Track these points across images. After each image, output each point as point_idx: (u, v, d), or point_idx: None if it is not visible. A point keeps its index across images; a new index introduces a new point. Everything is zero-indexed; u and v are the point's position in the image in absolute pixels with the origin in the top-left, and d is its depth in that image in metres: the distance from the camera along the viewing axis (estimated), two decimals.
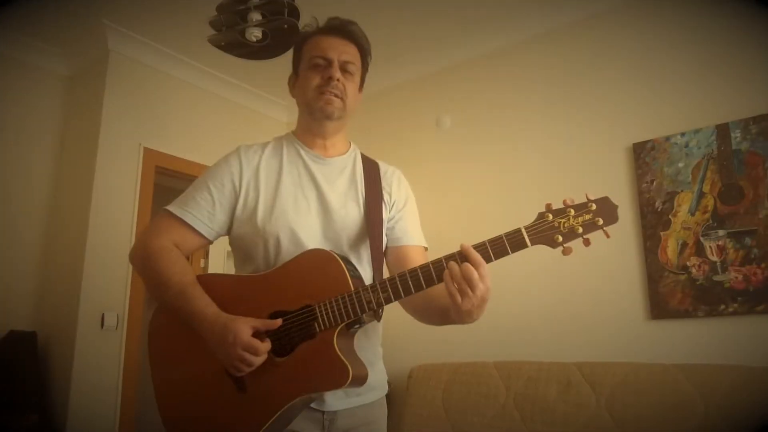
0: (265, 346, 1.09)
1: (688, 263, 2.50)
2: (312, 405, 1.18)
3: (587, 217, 1.02)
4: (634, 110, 2.79)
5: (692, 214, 2.53)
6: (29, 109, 3.31)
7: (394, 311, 1.51)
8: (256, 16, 2.42)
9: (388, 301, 1.09)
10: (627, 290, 2.65)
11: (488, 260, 1.03)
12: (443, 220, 3.25)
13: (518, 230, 1.03)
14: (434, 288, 1.09)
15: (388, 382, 1.42)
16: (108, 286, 3.05)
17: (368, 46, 1.35)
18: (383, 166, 1.39)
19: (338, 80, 1.26)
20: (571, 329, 2.77)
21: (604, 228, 1.03)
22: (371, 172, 1.35)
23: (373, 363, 1.25)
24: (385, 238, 1.31)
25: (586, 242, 1.03)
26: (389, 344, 1.48)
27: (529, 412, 2.53)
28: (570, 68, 3.04)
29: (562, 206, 1.04)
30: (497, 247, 1.03)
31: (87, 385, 2.88)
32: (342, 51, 1.29)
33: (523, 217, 1.09)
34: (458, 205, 3.27)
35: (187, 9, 2.99)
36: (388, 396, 1.40)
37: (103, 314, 3.00)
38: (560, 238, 1.02)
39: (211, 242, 1.30)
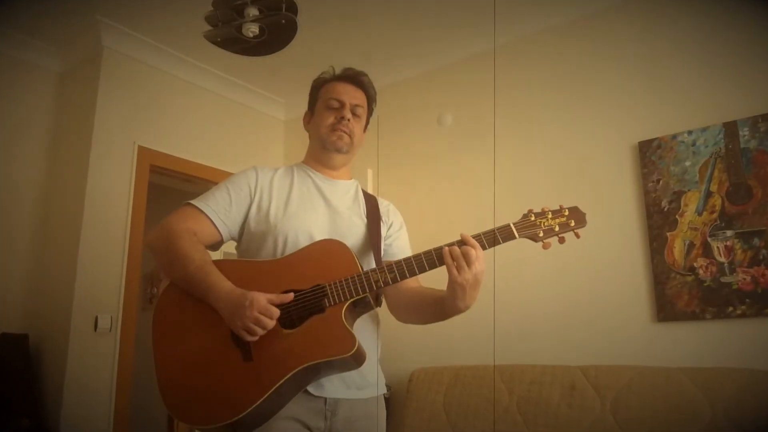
0: (277, 311, 1.21)
1: (695, 264, 2.50)
2: (312, 391, 1.29)
3: (562, 219, 1.30)
4: (640, 108, 2.79)
5: (699, 214, 2.53)
6: (20, 107, 3.31)
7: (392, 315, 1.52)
8: (252, 12, 2.42)
9: (395, 280, 1.25)
10: (632, 292, 2.65)
11: (482, 247, 1.25)
12: (445, 219, 3.26)
13: (507, 225, 1.28)
14: (428, 288, 1.35)
15: (388, 385, 1.49)
16: (101, 288, 3.06)
17: (374, 94, 1.61)
18: (381, 201, 1.61)
19: (348, 120, 1.50)
20: (575, 332, 2.77)
21: (576, 230, 1.30)
22: (370, 200, 1.57)
23: (370, 359, 1.34)
24: (383, 251, 1.49)
25: (561, 240, 1.30)
26: (389, 347, 1.51)
27: (532, 416, 2.53)
28: (574, 65, 3.04)
29: (540, 211, 1.30)
30: (489, 237, 1.26)
31: (80, 389, 2.88)
32: (353, 96, 1.53)
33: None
34: (460, 204, 3.28)
35: (182, 4, 2.99)
36: (388, 400, 1.45)
37: (96, 316, 3.00)
38: (541, 234, 1.29)
39: (222, 240, 1.43)
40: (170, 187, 4.25)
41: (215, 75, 3.77)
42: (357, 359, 1.23)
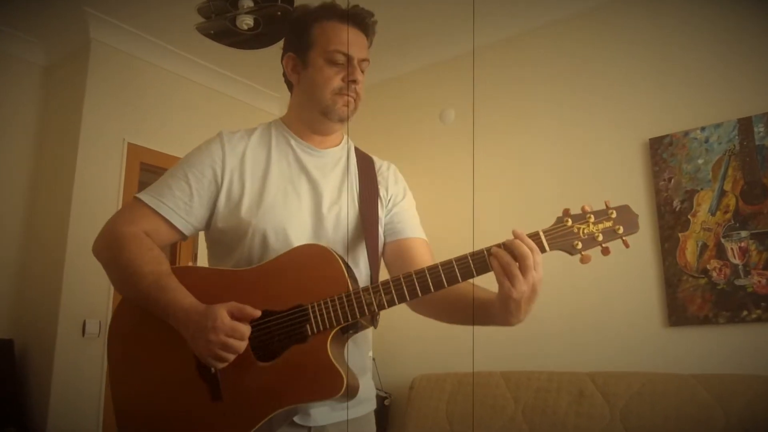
0: (248, 329, 1.05)
1: (708, 266, 2.51)
2: (297, 420, 1.14)
3: (607, 224, 1.05)
4: (651, 103, 2.79)
5: (713, 214, 2.53)
6: (4, 103, 3.31)
7: (393, 317, 1.51)
8: (247, 3, 2.42)
9: (392, 303, 1.05)
10: (643, 295, 2.65)
11: (542, 250, 1.04)
12: (447, 217, 3.25)
13: (536, 234, 1.03)
14: (467, 284, 1.08)
15: (388, 393, 1.41)
16: (90, 292, 3.05)
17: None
18: (378, 161, 1.38)
19: (359, 82, 1.24)
20: (583, 336, 2.77)
21: (624, 237, 1.06)
22: (366, 166, 1.33)
23: (361, 374, 1.20)
24: (382, 237, 1.29)
25: (605, 251, 1.05)
26: (388, 353, 1.49)
27: (538, 424, 2.54)
28: (583, 58, 3.04)
29: (580, 212, 1.04)
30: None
31: (67, 396, 2.88)
32: (361, 47, 1.26)
33: (533, 215, 1.12)
34: (463, 202, 3.28)
35: None
36: (388, 408, 1.39)
37: (84, 321, 3.01)
38: (579, 245, 1.04)
39: (185, 237, 1.25)
40: None
41: (208, 69, 3.77)
42: (347, 396, 1.06)
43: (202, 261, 1.48)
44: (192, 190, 1.21)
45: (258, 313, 1.06)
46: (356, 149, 1.38)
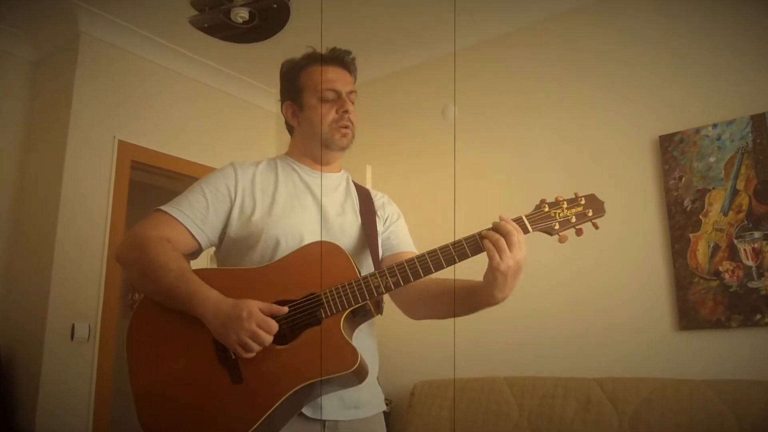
0: (276, 325, 1.18)
1: (720, 268, 2.50)
2: (309, 414, 1.25)
3: (578, 209, 1.26)
4: (661, 99, 2.79)
5: (725, 214, 2.53)
6: None
7: (392, 322, 1.51)
8: None
9: (397, 285, 1.22)
10: (653, 298, 2.65)
11: (525, 231, 1.22)
12: (449, 217, 3.25)
13: (519, 218, 1.24)
14: (445, 280, 1.31)
15: (388, 400, 1.46)
16: (79, 294, 3.05)
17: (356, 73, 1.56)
18: (373, 191, 1.58)
19: (351, 113, 1.45)
20: (591, 341, 2.77)
21: (594, 220, 1.26)
22: (363, 193, 1.54)
23: (370, 373, 1.31)
24: (381, 249, 1.47)
25: (579, 232, 1.26)
26: (389, 359, 1.50)
27: None
28: (589, 52, 3.04)
29: (554, 200, 1.27)
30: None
31: (55, 403, 2.88)
32: (346, 83, 1.48)
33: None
34: (466, 201, 3.27)
35: None
36: (388, 415, 1.44)
37: (73, 325, 3.00)
38: (557, 226, 1.25)
39: (200, 249, 1.39)
40: (153, 184, 4.25)
41: (202, 64, 3.77)
42: (359, 374, 1.19)
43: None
44: (208, 203, 1.38)
45: (285, 310, 1.20)
46: (354, 181, 1.58)
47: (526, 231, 1.21)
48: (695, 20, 2.76)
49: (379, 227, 1.49)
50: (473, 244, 1.21)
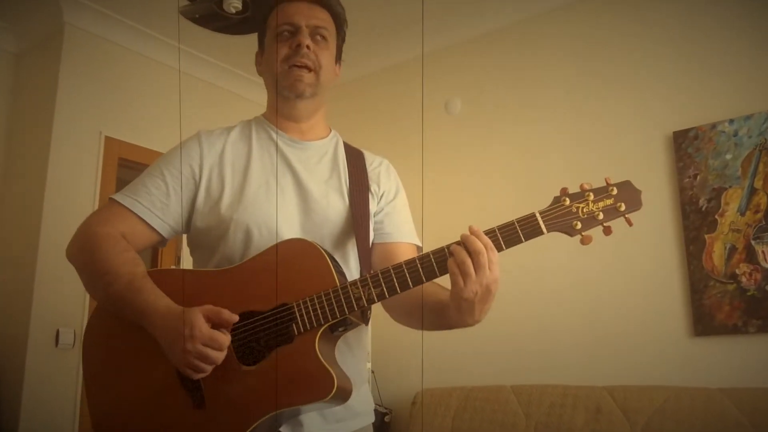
0: (227, 338, 1.06)
1: (737, 271, 2.50)
2: None
3: (608, 202, 1.07)
4: (675, 93, 2.79)
5: (742, 214, 2.53)
6: None
7: (393, 326, 1.51)
8: None
9: (382, 297, 1.08)
10: (666, 302, 2.65)
11: (498, 248, 1.05)
12: (453, 214, 3.25)
13: (532, 215, 1.05)
14: (430, 284, 1.13)
15: (389, 409, 1.42)
16: (63, 298, 3.05)
17: (342, 12, 1.37)
18: (369, 156, 1.40)
19: (308, 47, 1.26)
20: (601, 348, 2.77)
21: (627, 215, 1.07)
22: (355, 161, 1.35)
23: (356, 383, 1.21)
24: (372, 234, 1.31)
25: (607, 230, 1.07)
26: (389, 366, 1.48)
27: None
28: (600, 44, 3.04)
29: (579, 190, 1.08)
30: (508, 234, 1.05)
31: (39, 411, 2.88)
32: (311, 15, 1.29)
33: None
34: (469, 199, 3.28)
35: None
36: (389, 425, 1.40)
37: (57, 330, 3.00)
38: (579, 225, 1.06)
39: (164, 239, 1.27)
40: None
41: (193, 56, 3.77)
42: (338, 399, 1.07)
43: (187, 265, 1.50)
44: (169, 188, 1.24)
45: (236, 318, 1.07)
46: (345, 144, 1.40)
47: (499, 248, 1.05)
48: (711, 11, 2.76)
49: (372, 207, 1.31)
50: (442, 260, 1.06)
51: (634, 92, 2.90)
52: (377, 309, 1.27)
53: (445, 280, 1.12)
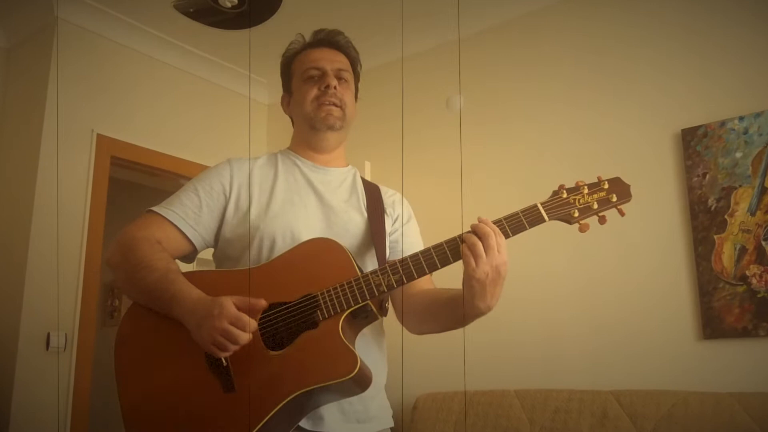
0: (253, 322, 1.16)
1: (747, 272, 2.50)
2: (308, 427, 1.25)
3: (601, 194, 1.25)
4: (683, 89, 2.79)
5: (752, 214, 2.53)
6: None
7: (393, 330, 1.52)
8: None
9: (400, 283, 1.21)
10: (674, 305, 2.65)
11: (505, 234, 1.20)
12: (455, 215, 3.25)
13: (534, 206, 1.23)
14: (437, 290, 1.34)
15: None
16: (55, 301, 3.05)
17: (357, 55, 1.58)
18: (384, 188, 1.58)
19: (335, 88, 1.46)
20: (607, 351, 2.77)
21: (618, 206, 1.25)
22: (372, 189, 1.54)
23: (375, 385, 1.31)
24: (388, 251, 1.46)
25: (602, 219, 1.24)
26: (390, 369, 1.50)
27: None
28: (606, 38, 3.04)
29: (574, 185, 1.26)
30: (514, 223, 1.22)
31: (29, 417, 2.88)
32: (333, 60, 1.51)
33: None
34: (473, 199, 3.28)
35: None
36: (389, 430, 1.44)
37: (48, 334, 3.00)
38: (576, 213, 1.23)
39: (195, 250, 1.42)
40: (134, 182, 4.25)
41: (188, 52, 3.77)
42: (360, 382, 1.17)
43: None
44: (201, 201, 1.40)
45: (265, 303, 1.19)
46: (362, 177, 1.59)
47: (506, 234, 1.20)
48: (720, 5, 2.76)
49: (388, 226, 1.49)
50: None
51: (641, 88, 2.90)
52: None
53: (457, 268, 1.23)
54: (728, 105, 2.66)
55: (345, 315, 1.20)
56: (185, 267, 1.39)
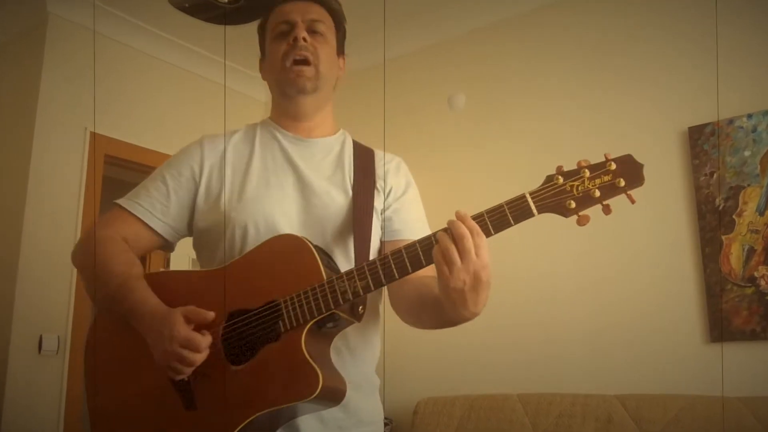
0: (207, 340, 1.11)
1: (755, 274, 2.50)
2: None
3: (606, 178, 1.04)
4: (690, 86, 2.79)
5: (761, 214, 2.53)
6: None
7: (393, 331, 1.51)
8: None
9: (367, 289, 1.08)
10: (680, 307, 2.65)
11: (486, 233, 1.04)
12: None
13: (522, 196, 1.05)
14: (429, 278, 1.16)
15: (389, 419, 1.41)
16: (47, 303, 3.05)
17: (339, 8, 1.43)
18: (380, 154, 1.42)
19: (305, 40, 1.30)
20: (612, 355, 2.77)
21: (628, 192, 1.04)
22: (364, 158, 1.38)
23: (361, 387, 1.25)
24: (379, 231, 1.33)
25: (606, 209, 1.03)
26: (389, 373, 1.48)
27: None
28: (612, 35, 3.04)
29: (575, 167, 1.06)
30: (497, 217, 1.04)
31: (21, 422, 2.88)
32: (306, 11, 1.35)
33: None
34: (475, 199, 3.27)
35: None
36: None
37: (40, 336, 3.00)
38: (573, 204, 1.03)
39: (168, 242, 1.34)
40: (129, 181, 4.22)
41: (183, 48, 3.77)
42: (328, 398, 1.10)
43: (175, 267, 1.51)
44: (169, 189, 1.31)
45: (212, 315, 1.12)
46: (355, 143, 1.44)
47: (488, 232, 1.03)
48: (728, 0, 2.76)
49: (377, 204, 1.33)
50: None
51: (647, 85, 2.89)
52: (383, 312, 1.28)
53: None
54: (736, 102, 2.66)
55: (308, 326, 1.09)
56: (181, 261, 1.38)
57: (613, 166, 1.05)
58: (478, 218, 1.04)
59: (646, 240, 2.74)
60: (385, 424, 3.00)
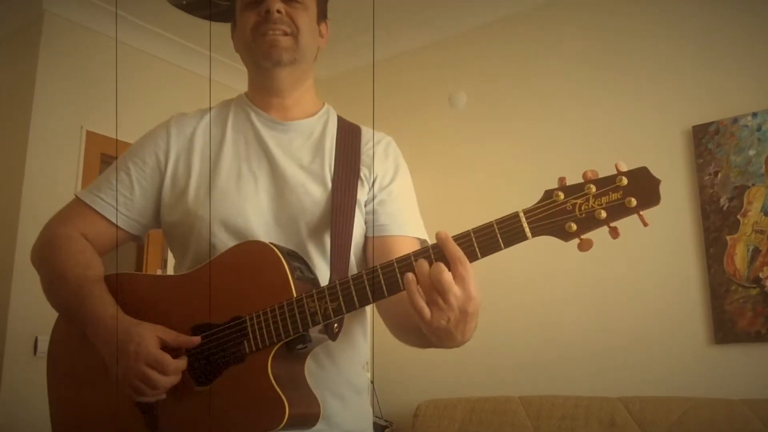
0: (178, 364, 1.02)
1: (760, 274, 2.50)
2: None
3: (614, 196, 0.89)
4: (694, 85, 2.79)
5: (766, 214, 2.53)
6: None
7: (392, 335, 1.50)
8: None
9: (339, 312, 0.98)
10: (684, 308, 2.65)
11: (472, 257, 0.91)
12: (458, 216, 3.25)
13: (515, 215, 0.91)
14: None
15: (389, 422, 1.38)
16: (42, 304, 3.00)
17: None
18: (367, 133, 1.29)
19: (279, 12, 1.18)
20: (616, 356, 2.77)
21: (640, 212, 0.89)
22: (349, 139, 1.25)
23: (344, 397, 1.16)
24: (362, 226, 1.21)
25: (614, 233, 0.91)
26: (389, 374, 1.48)
27: None
28: (615, 32, 3.04)
29: (580, 181, 0.92)
30: (485, 239, 0.91)
31: (15, 424, 2.88)
32: None
33: None
34: (475, 199, 3.27)
35: None
36: None
37: (36, 338, 3.00)
38: (574, 227, 0.90)
39: (135, 236, 1.25)
40: None
41: (181, 45, 3.76)
42: (298, 425, 1.00)
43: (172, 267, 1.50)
44: (132, 180, 1.21)
45: (197, 340, 1.04)
46: (341, 120, 1.31)
47: (474, 257, 0.91)
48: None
49: (361, 196, 1.20)
50: (439, 256, 0.93)
51: (651, 84, 2.90)
52: (377, 316, 1.22)
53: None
54: (741, 101, 2.66)
55: (276, 349, 1.00)
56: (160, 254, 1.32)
57: (624, 182, 0.89)
58: (464, 238, 0.92)
59: (649, 240, 2.74)
60: (386, 427, 3.01)
